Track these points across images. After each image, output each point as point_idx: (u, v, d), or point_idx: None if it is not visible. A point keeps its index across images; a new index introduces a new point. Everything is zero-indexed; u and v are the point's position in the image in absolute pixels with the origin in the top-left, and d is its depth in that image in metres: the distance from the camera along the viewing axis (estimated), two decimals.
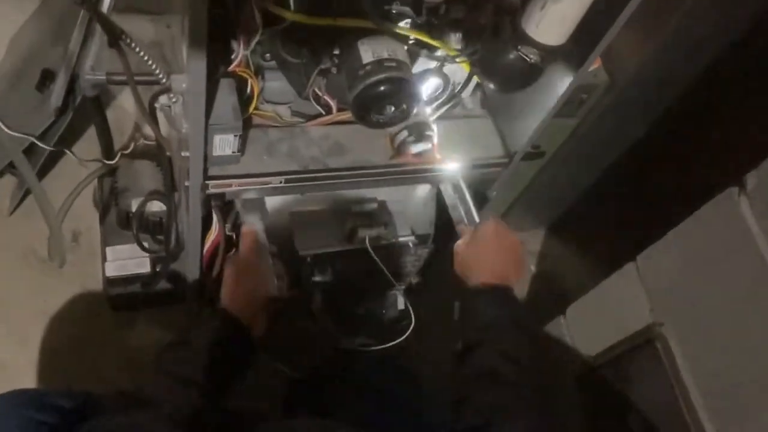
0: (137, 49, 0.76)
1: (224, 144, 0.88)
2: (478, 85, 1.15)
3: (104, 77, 1.00)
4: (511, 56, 0.90)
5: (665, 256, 1.09)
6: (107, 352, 1.32)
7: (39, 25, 1.41)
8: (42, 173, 1.33)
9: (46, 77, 1.12)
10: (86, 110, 1.21)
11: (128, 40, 0.73)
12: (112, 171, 1.32)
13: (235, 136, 0.88)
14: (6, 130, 0.93)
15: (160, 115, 0.98)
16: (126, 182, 1.30)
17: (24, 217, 1.39)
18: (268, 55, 1.01)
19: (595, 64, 1.18)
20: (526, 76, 0.93)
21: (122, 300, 1.28)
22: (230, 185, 0.95)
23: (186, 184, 0.94)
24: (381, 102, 0.91)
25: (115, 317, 1.33)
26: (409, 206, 1.27)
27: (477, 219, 1.08)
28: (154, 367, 0.81)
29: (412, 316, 1.31)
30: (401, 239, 1.25)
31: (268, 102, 1.05)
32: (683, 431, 1.02)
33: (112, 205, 1.31)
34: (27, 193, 1.34)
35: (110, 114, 1.35)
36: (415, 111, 0.97)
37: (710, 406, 0.99)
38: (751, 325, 0.94)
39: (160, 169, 1.33)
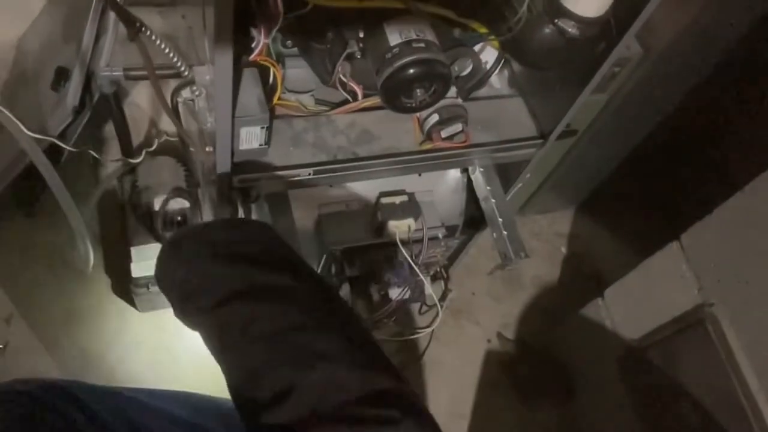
0: (158, 42, 0.72)
1: (251, 137, 0.85)
2: (505, 63, 1.10)
3: (122, 73, 0.96)
4: (547, 31, 0.86)
5: (713, 234, 1.04)
6: (138, 354, 1.30)
7: (48, 23, 1.37)
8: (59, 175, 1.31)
9: (61, 76, 1.08)
10: (100, 108, 1.17)
11: (148, 33, 0.69)
12: (131, 169, 1.29)
13: (262, 128, 0.84)
14: (26, 131, 0.90)
15: (179, 110, 0.94)
16: (147, 180, 1.27)
17: (43, 221, 1.37)
18: (289, 42, 0.97)
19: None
20: (564, 52, 0.88)
21: (150, 300, 1.26)
22: (258, 179, 0.92)
23: (212, 179, 0.90)
24: (411, 85, 0.87)
25: (144, 318, 1.31)
26: (438, 196, 1.23)
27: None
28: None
29: (438, 306, 1.29)
30: (430, 231, 1.21)
31: (290, 91, 1.01)
32: (739, 414, 0.99)
33: (133, 204, 1.28)
34: (39, 195, 1.32)
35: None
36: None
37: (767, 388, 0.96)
38: None
39: (180, 165, 1.30)
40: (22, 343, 1.27)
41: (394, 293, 1.27)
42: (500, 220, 1.10)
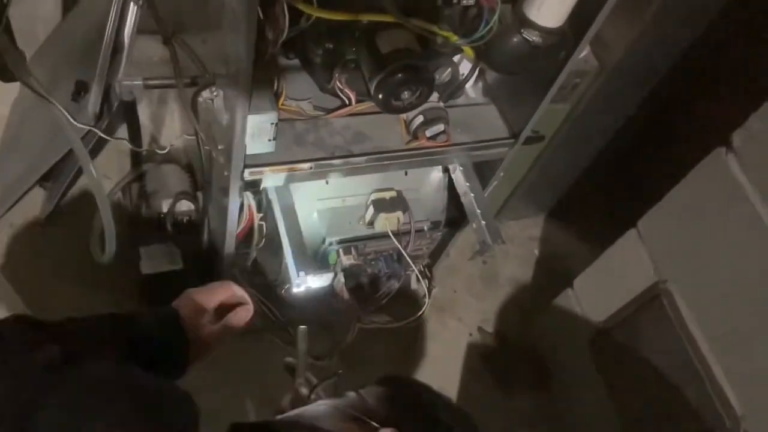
0: (187, 47, 0.84)
1: (262, 132, 0.96)
2: (480, 75, 1.25)
3: (141, 82, 1.08)
4: (515, 39, 1.00)
5: (664, 218, 1.19)
6: None
7: (59, 45, 1.50)
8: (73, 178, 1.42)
9: (80, 88, 1.20)
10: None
11: (180, 39, 0.81)
12: (139, 176, 1.40)
13: (272, 123, 0.96)
14: (71, 119, 0.99)
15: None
16: (154, 185, 1.38)
17: (57, 226, 1.46)
18: (291, 54, 1.10)
19: (584, 51, 1.29)
20: (529, 58, 1.02)
21: (158, 298, 1.34)
22: (264, 172, 1.04)
23: (225, 173, 1.02)
24: (400, 88, 1.01)
25: None
26: (423, 194, 1.36)
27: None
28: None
29: (427, 293, 1.41)
30: (417, 224, 1.34)
31: (290, 98, 1.13)
32: (693, 375, 1.11)
33: (142, 207, 1.38)
34: (58, 203, 1.42)
35: None
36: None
37: (716, 349, 1.09)
38: (747, 270, 1.03)
39: (185, 171, 1.42)
40: None
41: (384, 284, 1.39)
42: (479, 211, 1.23)
